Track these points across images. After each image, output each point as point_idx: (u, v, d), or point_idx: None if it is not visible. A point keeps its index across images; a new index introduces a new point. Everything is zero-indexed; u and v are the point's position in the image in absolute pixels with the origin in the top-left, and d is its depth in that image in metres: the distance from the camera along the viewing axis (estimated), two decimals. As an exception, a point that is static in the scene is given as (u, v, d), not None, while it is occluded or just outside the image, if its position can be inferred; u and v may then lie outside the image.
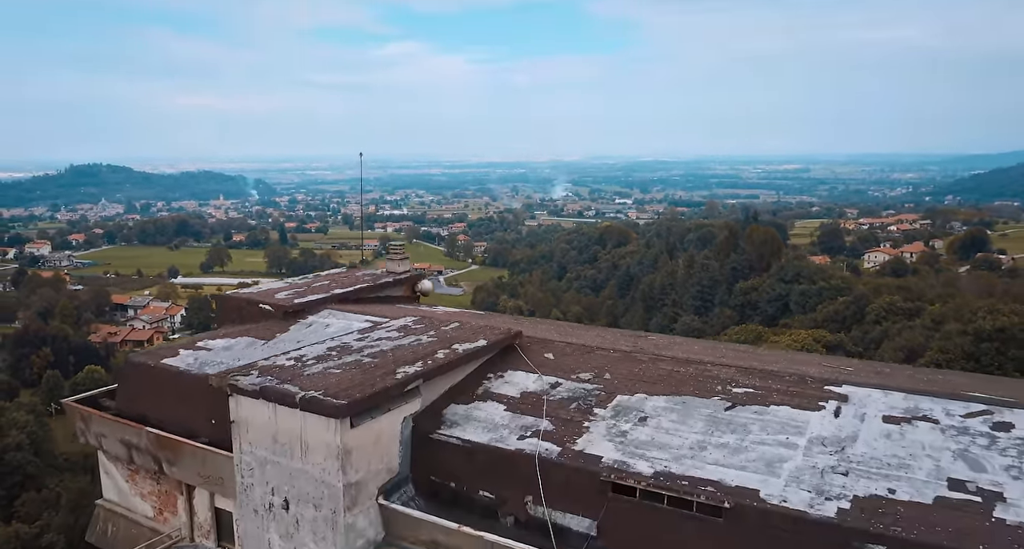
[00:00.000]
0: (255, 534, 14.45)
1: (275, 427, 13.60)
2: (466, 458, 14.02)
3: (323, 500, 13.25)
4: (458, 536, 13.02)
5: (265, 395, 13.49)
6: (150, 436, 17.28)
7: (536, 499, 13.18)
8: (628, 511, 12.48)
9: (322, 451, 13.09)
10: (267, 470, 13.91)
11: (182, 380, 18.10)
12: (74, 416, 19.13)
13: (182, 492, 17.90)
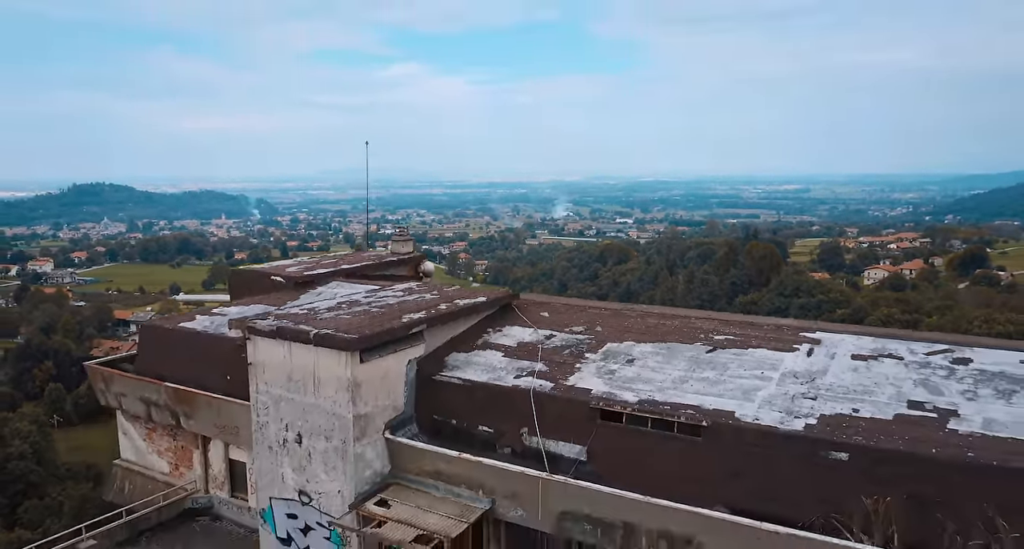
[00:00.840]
0: (269, 470, 15.47)
1: (290, 365, 14.68)
2: (466, 396, 15.09)
3: (334, 432, 14.30)
4: (459, 463, 14.07)
5: (281, 334, 14.59)
6: (168, 391, 18.34)
7: (531, 430, 14.23)
8: (615, 436, 13.53)
9: (333, 385, 14.17)
10: (282, 407, 14.98)
11: (199, 340, 19.22)
12: (96, 377, 20.20)
13: (198, 446, 18.91)
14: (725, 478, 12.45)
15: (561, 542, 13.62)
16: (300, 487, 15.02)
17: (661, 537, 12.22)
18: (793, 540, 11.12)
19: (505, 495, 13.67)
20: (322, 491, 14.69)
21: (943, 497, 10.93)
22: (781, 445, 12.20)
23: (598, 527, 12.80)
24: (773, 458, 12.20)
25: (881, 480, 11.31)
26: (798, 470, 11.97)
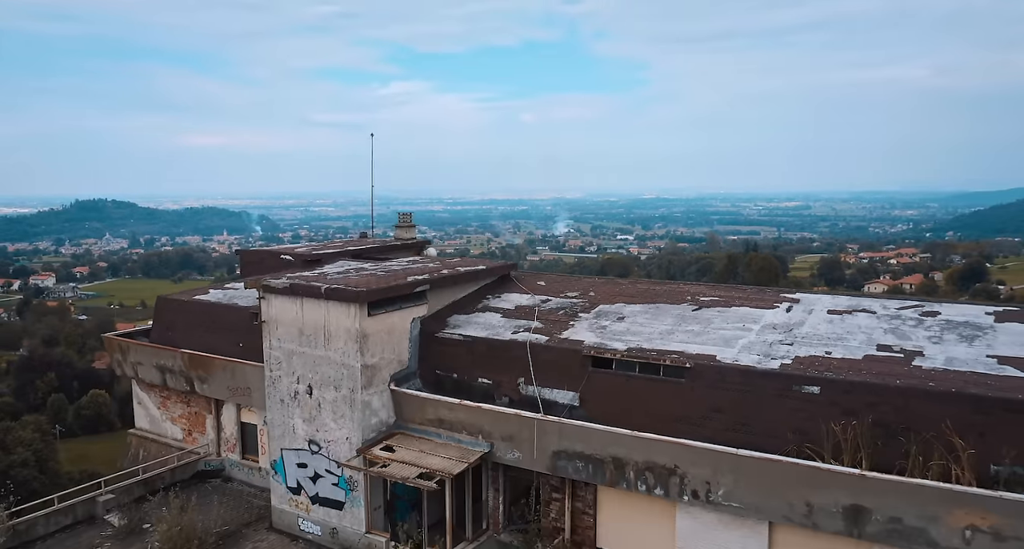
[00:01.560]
0: (281, 422, 16.41)
1: (302, 321, 15.67)
2: (467, 351, 16.06)
3: (343, 381, 15.25)
4: (460, 410, 15.01)
5: (294, 291, 15.60)
6: (184, 357, 19.30)
7: (527, 380, 15.19)
8: (605, 381, 14.49)
9: (343, 337, 15.14)
10: (294, 361, 15.94)
11: (213, 310, 20.24)
12: (113, 348, 21.17)
13: (211, 411, 19.83)
14: (707, 415, 13.38)
15: (555, 481, 14.53)
16: (310, 437, 15.94)
17: (647, 469, 13.14)
18: (766, 463, 12.05)
19: (503, 438, 14.60)
20: (331, 439, 15.61)
21: (906, 422, 11.86)
22: (758, 382, 13.15)
23: (589, 463, 13.71)
24: (751, 394, 13.15)
25: (849, 410, 12.24)
26: (774, 404, 12.90)
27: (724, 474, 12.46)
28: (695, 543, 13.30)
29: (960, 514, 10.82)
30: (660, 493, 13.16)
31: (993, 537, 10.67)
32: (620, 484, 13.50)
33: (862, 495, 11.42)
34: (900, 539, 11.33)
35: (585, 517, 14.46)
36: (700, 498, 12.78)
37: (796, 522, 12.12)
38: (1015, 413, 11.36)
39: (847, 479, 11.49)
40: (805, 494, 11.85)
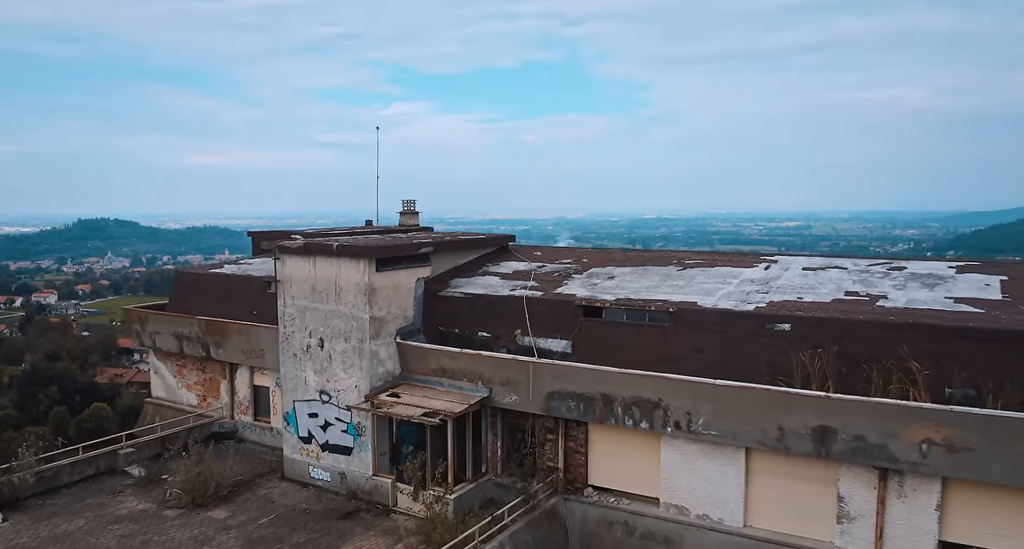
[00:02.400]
0: (294, 375, 17.52)
1: (314, 278, 16.84)
2: (467, 307, 17.22)
3: (352, 332, 16.39)
4: (461, 358, 16.14)
5: (307, 250, 16.80)
6: (201, 323, 20.44)
7: (524, 331, 16.33)
8: (595, 329, 15.64)
9: (352, 291, 16.31)
10: (306, 316, 17.09)
11: (228, 281, 21.44)
12: (133, 319, 22.32)
13: (225, 376, 20.92)
14: (689, 355, 14.51)
15: (549, 422, 15.61)
16: (321, 387, 17.05)
17: (633, 404, 14.24)
18: (741, 391, 13.17)
19: (501, 383, 15.70)
20: (340, 388, 16.72)
21: (869, 352, 12.99)
22: (735, 322, 14.31)
23: (581, 402, 14.81)
24: (728, 334, 14.30)
25: (817, 343, 13.38)
26: (749, 342, 14.04)
27: (703, 404, 13.57)
28: (679, 474, 14.36)
29: (916, 429, 11.92)
30: (645, 426, 14.25)
31: (947, 449, 11.76)
32: (609, 420, 14.60)
33: (828, 416, 12.52)
34: (863, 456, 12.42)
35: (577, 456, 15.53)
36: (682, 429, 13.87)
37: (769, 446, 13.21)
38: (966, 340, 12.51)
39: (814, 402, 12.60)
40: (777, 418, 12.95)
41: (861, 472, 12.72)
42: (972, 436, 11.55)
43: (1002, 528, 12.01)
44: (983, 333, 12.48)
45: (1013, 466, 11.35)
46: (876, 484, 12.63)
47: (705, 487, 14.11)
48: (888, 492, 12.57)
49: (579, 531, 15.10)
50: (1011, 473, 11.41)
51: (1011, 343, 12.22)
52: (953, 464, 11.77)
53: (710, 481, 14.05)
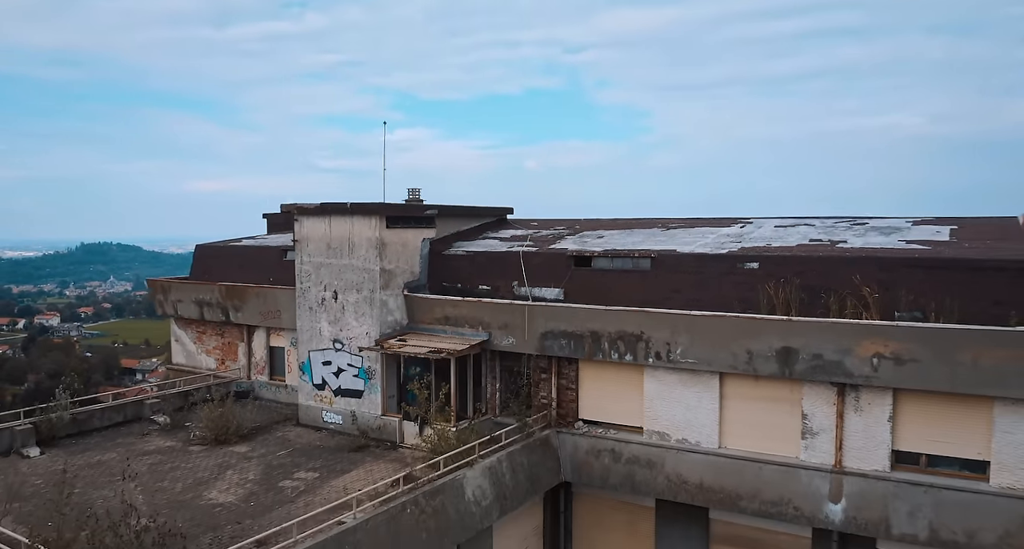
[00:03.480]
0: (309, 327, 19.04)
1: (329, 236, 18.45)
2: (469, 263, 18.81)
3: (364, 283, 17.96)
4: (463, 306, 17.69)
5: (324, 210, 18.43)
6: (221, 289, 22.01)
7: (520, 282, 17.90)
8: (585, 277, 17.22)
9: (364, 245, 17.91)
10: (321, 272, 18.67)
11: (246, 252, 23.05)
12: (156, 289, 23.87)
13: (243, 339, 22.42)
14: (668, 296, 16.06)
15: (543, 362, 17.10)
16: (334, 336, 18.57)
17: (619, 338, 15.76)
18: (714, 319, 14.70)
19: (499, 327, 17.22)
20: (352, 336, 18.24)
21: (827, 283, 14.52)
22: (709, 264, 15.90)
23: (571, 340, 16.33)
24: (703, 275, 15.87)
25: (782, 278, 14.92)
26: (722, 281, 15.61)
27: (680, 334, 15.09)
28: (660, 404, 15.83)
29: (868, 344, 13.44)
30: (629, 359, 15.75)
31: (895, 362, 13.27)
32: (597, 355, 16.10)
33: (790, 337, 14.04)
34: (822, 373, 13.92)
35: (569, 392, 17.00)
36: (662, 358, 15.38)
37: (740, 370, 14.70)
38: (912, 268, 14.10)
39: (778, 325, 14.14)
40: (745, 343, 14.47)
41: (821, 390, 14.20)
42: (917, 348, 13.06)
43: (947, 435, 13.47)
44: (927, 262, 14.08)
45: (953, 374, 12.85)
46: (835, 400, 14.10)
47: (684, 414, 15.57)
48: (846, 407, 14.05)
49: (570, 459, 16.52)
50: (952, 381, 12.90)
51: (951, 270, 13.81)
52: (901, 375, 13.26)
53: (688, 408, 15.52)
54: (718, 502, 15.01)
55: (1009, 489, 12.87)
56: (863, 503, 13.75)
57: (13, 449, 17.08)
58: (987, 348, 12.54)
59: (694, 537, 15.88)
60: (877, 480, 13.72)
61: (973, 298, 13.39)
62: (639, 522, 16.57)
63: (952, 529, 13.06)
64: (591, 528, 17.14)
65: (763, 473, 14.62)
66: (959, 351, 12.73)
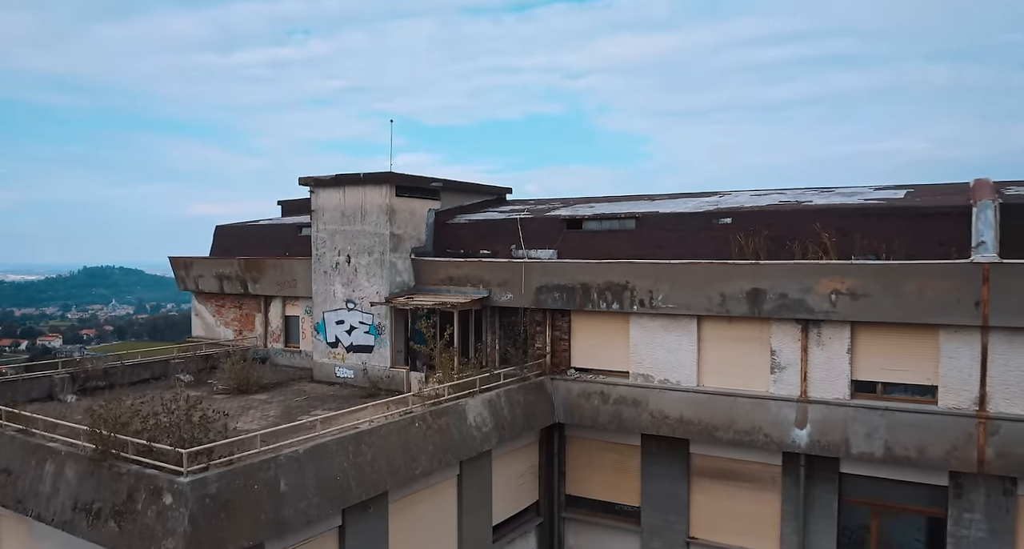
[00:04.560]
0: (324, 290, 20.69)
1: (343, 204, 20.18)
2: (471, 230, 20.52)
3: (375, 247, 19.65)
4: (465, 266, 19.36)
5: (338, 181, 20.18)
6: (240, 262, 23.69)
7: (517, 245, 19.59)
8: (576, 238, 18.92)
9: (375, 212, 19.63)
10: (336, 238, 20.36)
11: (263, 230, 24.79)
12: (178, 265, 25.53)
13: (260, 309, 24.05)
14: (652, 251, 17.72)
15: (538, 316, 18.71)
16: (347, 297, 20.20)
17: (606, 289, 17.39)
18: (691, 266, 16.35)
19: (498, 284, 18.87)
20: (364, 296, 19.88)
21: (792, 233, 16.19)
22: (688, 221, 17.60)
23: (564, 292, 17.96)
24: (682, 231, 17.56)
25: (752, 230, 16.61)
26: (699, 235, 17.29)
27: (662, 282, 16.72)
28: (644, 348, 17.41)
29: (826, 282, 15.07)
30: (616, 307, 17.37)
31: (850, 297, 14.88)
32: (587, 306, 17.72)
33: (758, 279, 15.67)
34: (787, 311, 15.52)
35: (562, 343, 18.59)
36: (646, 305, 17.00)
37: (715, 312, 16.31)
38: (866, 216, 15.80)
39: (748, 269, 15.78)
40: (719, 287, 16.10)
41: (787, 327, 15.81)
42: (869, 284, 14.69)
43: (900, 363, 15.04)
44: (879, 210, 15.79)
45: (900, 305, 14.47)
46: (799, 336, 15.71)
47: (666, 356, 17.15)
48: (809, 342, 15.65)
49: (563, 402, 18.05)
50: (901, 312, 14.51)
51: (900, 216, 15.52)
52: (856, 309, 14.88)
53: (669, 351, 17.10)
54: (696, 434, 16.53)
55: (955, 409, 14.41)
56: (826, 427, 15.28)
57: (52, 395, 18.63)
58: (930, 280, 14.18)
59: (676, 471, 17.37)
60: (838, 407, 15.27)
61: (920, 240, 15.06)
62: (627, 460, 18.06)
63: (905, 446, 14.58)
64: (583, 468, 18.62)
65: (737, 405, 16.16)
66: (906, 284, 14.36)
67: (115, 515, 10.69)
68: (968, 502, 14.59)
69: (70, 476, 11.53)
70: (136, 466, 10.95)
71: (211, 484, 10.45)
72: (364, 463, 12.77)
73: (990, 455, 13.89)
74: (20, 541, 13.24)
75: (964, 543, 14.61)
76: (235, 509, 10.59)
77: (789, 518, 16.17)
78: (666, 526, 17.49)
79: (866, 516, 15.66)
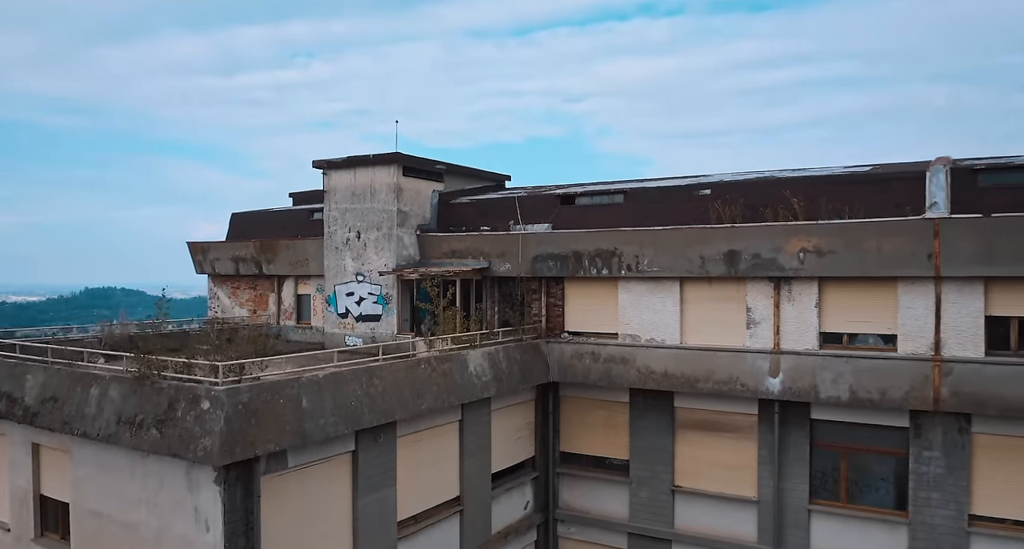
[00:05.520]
0: (335, 264, 22.20)
1: (353, 185, 21.75)
2: (472, 208, 22.07)
3: (383, 222, 21.19)
4: (466, 239, 20.88)
5: (349, 163, 21.78)
6: (256, 244, 25.23)
7: (515, 221, 21.12)
8: (569, 212, 20.46)
9: (384, 190, 21.21)
10: (347, 216, 21.92)
11: (277, 215, 26.36)
12: (196, 250, 27.06)
13: (273, 289, 25.53)
14: (638, 223, 19.23)
15: (534, 284, 20.19)
16: (357, 270, 21.70)
17: (596, 255, 18.89)
18: (673, 231, 17.86)
19: (497, 255, 20.37)
20: (372, 268, 21.38)
21: (765, 201, 17.72)
22: (671, 193, 19.16)
23: (558, 261, 19.46)
24: (666, 202, 19.10)
25: (730, 199, 18.14)
26: (681, 206, 18.81)
27: (647, 247, 18.22)
28: (632, 311, 18.85)
29: (795, 241, 16.57)
30: (606, 273, 18.85)
31: (817, 254, 16.38)
32: (579, 272, 19.20)
33: (734, 241, 17.17)
34: (761, 270, 17.00)
35: (556, 308, 20.05)
36: (632, 270, 18.48)
37: (695, 274, 17.79)
38: (831, 184, 17.33)
39: (724, 232, 17.29)
40: (699, 249, 17.59)
41: (761, 285, 17.28)
42: (833, 241, 16.18)
43: (863, 315, 16.49)
44: (843, 178, 17.34)
45: (862, 261, 15.95)
46: (772, 293, 17.17)
47: (651, 317, 18.60)
48: (781, 298, 17.11)
49: (557, 363, 19.46)
50: (861, 266, 15.98)
51: (862, 182, 17.06)
52: (822, 265, 16.36)
53: (655, 312, 18.55)
54: (680, 386, 17.91)
55: (913, 354, 15.84)
56: (796, 375, 16.68)
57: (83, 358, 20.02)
58: (888, 236, 15.68)
59: (662, 425, 18.72)
60: (808, 356, 16.70)
61: (880, 203, 16.57)
62: (616, 417, 19.42)
63: (868, 389, 15.97)
64: (576, 426, 19.98)
65: (716, 359, 17.58)
66: (866, 240, 15.86)
67: (156, 423, 12.09)
68: (927, 441, 15.96)
69: (114, 395, 12.94)
70: (176, 381, 12.39)
71: (243, 393, 11.87)
72: (375, 393, 14.19)
73: (944, 394, 15.28)
74: (60, 470, 14.61)
75: (924, 479, 15.95)
76: (263, 417, 12.00)
77: (765, 463, 17.51)
78: (653, 476, 18.81)
79: (836, 459, 17.01)
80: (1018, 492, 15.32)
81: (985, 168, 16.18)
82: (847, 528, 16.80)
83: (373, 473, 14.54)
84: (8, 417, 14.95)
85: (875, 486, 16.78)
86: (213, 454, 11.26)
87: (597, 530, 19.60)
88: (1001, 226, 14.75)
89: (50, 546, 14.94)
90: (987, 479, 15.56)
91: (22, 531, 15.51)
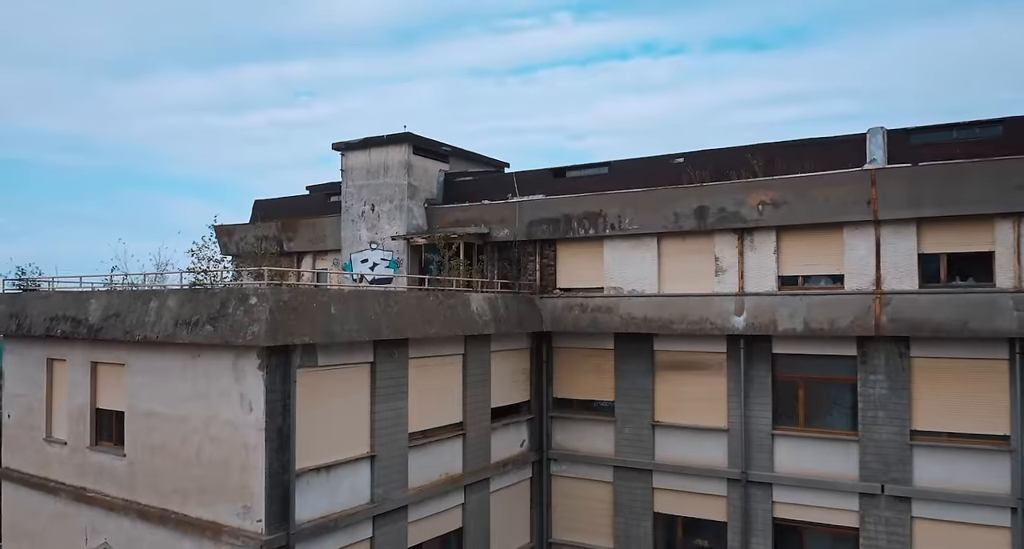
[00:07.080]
0: (351, 235, 24.71)
1: (369, 163, 24.40)
2: (475, 185, 24.67)
3: (395, 195, 23.77)
4: (469, 209, 23.43)
5: (365, 144, 24.46)
6: (278, 224, 27.79)
7: (513, 194, 23.68)
8: (561, 184, 23.04)
9: (396, 167, 23.83)
10: (362, 191, 24.51)
11: (297, 200, 28.96)
12: (222, 232, 29.60)
13: (293, 265, 27.97)
14: (622, 188, 21.77)
15: (529, 247, 22.65)
16: (371, 239, 24.20)
17: (584, 217, 21.40)
18: (650, 192, 20.38)
19: (496, 221, 22.87)
20: (384, 236, 23.89)
21: (731, 165, 20.23)
22: (652, 164, 21.72)
23: (550, 224, 21.95)
24: (646, 173, 21.64)
25: (700, 164, 20.69)
26: (659, 174, 21.33)
27: (627, 207, 20.72)
28: (615, 267, 21.27)
29: (755, 195, 19.07)
30: (592, 232, 21.32)
31: (773, 206, 18.86)
32: (568, 233, 21.67)
33: (703, 198, 19.67)
34: (726, 222, 19.46)
35: (549, 268, 22.47)
36: (616, 228, 20.95)
37: (670, 229, 20.25)
38: (787, 148, 19.87)
39: (694, 190, 19.80)
40: (672, 206, 20.08)
41: (727, 237, 19.72)
42: (787, 194, 18.69)
43: (815, 259, 18.92)
44: (797, 143, 19.91)
45: (812, 210, 18.42)
46: (736, 243, 19.61)
47: (633, 271, 21.00)
48: (744, 247, 19.54)
49: (550, 314, 21.80)
50: (812, 215, 18.46)
51: (812, 146, 19.61)
52: (778, 215, 18.83)
53: (636, 266, 20.95)
54: (658, 328, 20.21)
55: (857, 290, 18.21)
56: (758, 312, 19.02)
57: (126, 312, 22.41)
58: (833, 187, 18.18)
59: (643, 367, 20.96)
60: (768, 297, 19.06)
61: (827, 162, 19.01)
62: (603, 363, 21.68)
63: (819, 321, 18.29)
64: (567, 372, 22.23)
65: (689, 303, 19.93)
66: (815, 191, 18.37)
67: (210, 320, 14.47)
68: (872, 366, 18.24)
69: (171, 304, 15.33)
70: (226, 287, 14.80)
71: (284, 293, 14.28)
72: (392, 313, 16.56)
73: (884, 320, 17.61)
74: (117, 382, 16.93)
75: (871, 401, 18.18)
76: (300, 314, 14.37)
77: (733, 396, 19.73)
78: (635, 414, 21.01)
79: (795, 388, 19.25)
80: (951, 407, 17.54)
81: (915, 129, 18.76)
82: (806, 449, 18.94)
83: (389, 384, 16.83)
84: (72, 337, 17.31)
85: (829, 410, 18.99)
86: (260, 336, 13.60)
87: (586, 466, 21.72)
88: (927, 173, 17.26)
89: (103, 451, 17.16)
90: (925, 398, 17.79)
91: (78, 443, 17.76)
